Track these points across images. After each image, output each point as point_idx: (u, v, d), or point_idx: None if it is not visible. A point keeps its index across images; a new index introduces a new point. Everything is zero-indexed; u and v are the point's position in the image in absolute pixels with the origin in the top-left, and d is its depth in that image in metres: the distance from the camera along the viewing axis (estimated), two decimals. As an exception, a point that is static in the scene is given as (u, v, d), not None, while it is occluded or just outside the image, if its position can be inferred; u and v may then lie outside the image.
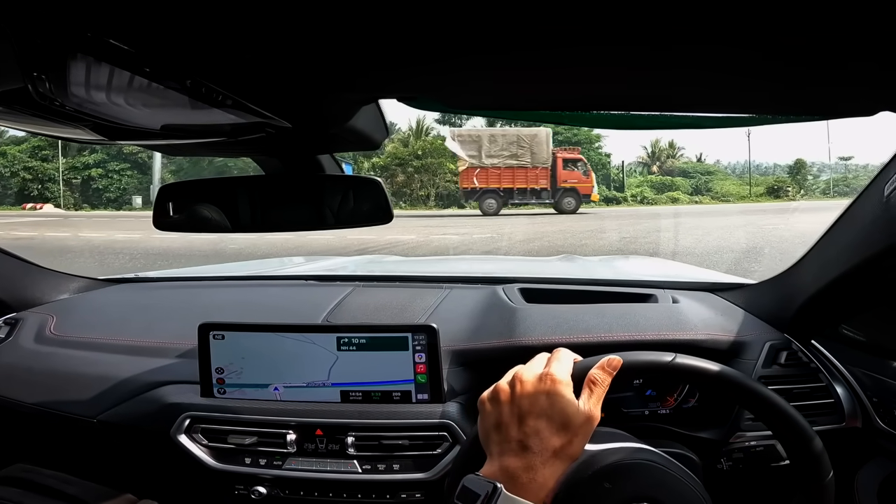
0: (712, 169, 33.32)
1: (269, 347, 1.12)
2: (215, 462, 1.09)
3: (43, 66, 0.43)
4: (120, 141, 0.67)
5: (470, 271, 1.73)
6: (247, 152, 0.92)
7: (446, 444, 1.05)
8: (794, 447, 0.76)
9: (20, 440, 1.35)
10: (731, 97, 0.63)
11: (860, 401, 1.08)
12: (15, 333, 1.40)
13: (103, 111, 0.52)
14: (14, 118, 0.56)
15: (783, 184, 29.81)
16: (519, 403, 0.68)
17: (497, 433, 0.68)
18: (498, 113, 0.72)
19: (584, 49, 0.48)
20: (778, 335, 1.17)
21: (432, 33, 0.44)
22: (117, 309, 1.50)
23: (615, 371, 0.73)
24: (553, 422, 0.66)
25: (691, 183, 30.22)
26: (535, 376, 0.70)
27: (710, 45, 0.46)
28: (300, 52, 0.49)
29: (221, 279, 1.81)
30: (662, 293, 1.37)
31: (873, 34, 0.42)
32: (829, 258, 1.03)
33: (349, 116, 0.71)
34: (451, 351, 1.17)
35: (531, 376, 0.70)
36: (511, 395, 0.69)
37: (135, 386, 1.19)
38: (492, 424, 0.69)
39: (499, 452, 0.67)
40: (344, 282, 1.60)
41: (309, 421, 1.09)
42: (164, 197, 0.92)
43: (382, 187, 0.90)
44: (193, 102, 0.55)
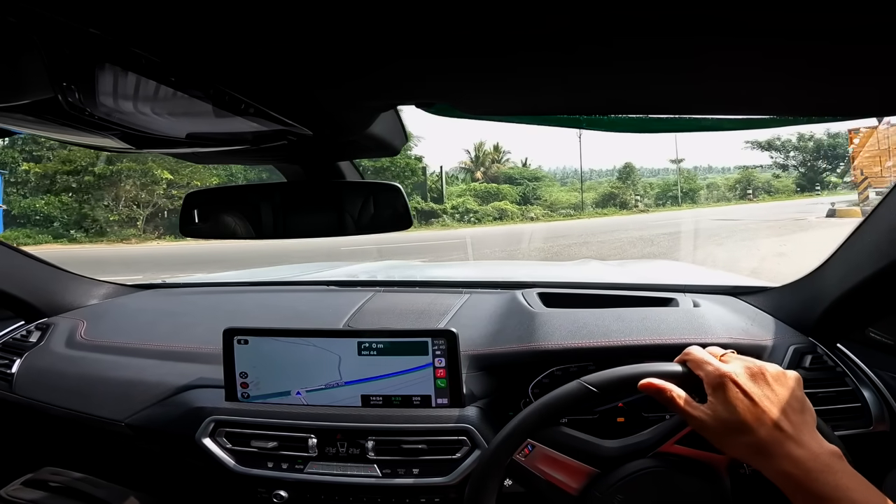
0: (539, 174, 31.62)
1: (291, 352, 1.13)
2: (238, 465, 1.10)
3: (72, 76, 0.44)
4: (146, 149, 0.69)
5: (489, 276, 1.73)
6: (269, 159, 0.94)
7: (466, 449, 1.05)
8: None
9: (49, 443, 1.38)
10: (754, 99, 0.62)
11: (888, 405, 1.06)
12: (46, 338, 1.44)
13: (131, 120, 0.54)
14: (44, 127, 0.58)
15: (618, 190, 28.69)
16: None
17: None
18: (515, 118, 0.73)
19: (601, 53, 0.48)
20: (802, 339, 1.15)
21: (451, 40, 0.45)
22: (146, 314, 1.53)
23: None
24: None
25: (518, 190, 27.84)
26: None
27: (730, 48, 0.46)
28: (321, 61, 0.50)
29: (245, 285, 1.83)
30: (683, 297, 1.36)
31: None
32: (855, 260, 1.02)
33: (368, 123, 0.72)
34: (471, 355, 1.17)
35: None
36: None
37: (162, 390, 1.22)
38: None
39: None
40: (364, 287, 1.61)
41: (330, 425, 1.10)
42: (191, 204, 0.94)
43: (402, 193, 0.91)
44: (217, 111, 0.56)
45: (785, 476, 0.66)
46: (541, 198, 27.77)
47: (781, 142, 34.76)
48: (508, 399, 1.15)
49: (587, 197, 29.06)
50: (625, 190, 28.89)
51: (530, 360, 1.15)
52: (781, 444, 0.67)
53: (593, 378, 0.79)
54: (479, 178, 29.30)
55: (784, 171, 35.42)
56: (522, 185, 28.48)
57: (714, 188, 33.36)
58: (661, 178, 35.15)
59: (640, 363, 0.81)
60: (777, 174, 35.24)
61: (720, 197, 32.38)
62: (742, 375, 0.72)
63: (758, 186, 32.29)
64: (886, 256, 0.91)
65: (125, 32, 0.42)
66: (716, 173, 43.35)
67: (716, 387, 0.72)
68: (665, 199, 30.28)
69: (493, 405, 1.12)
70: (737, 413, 0.69)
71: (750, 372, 0.73)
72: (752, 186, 32.24)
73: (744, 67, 0.50)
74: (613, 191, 28.51)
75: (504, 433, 0.80)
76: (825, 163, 34.50)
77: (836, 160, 34.06)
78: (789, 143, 34.70)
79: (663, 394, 0.75)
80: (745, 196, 31.59)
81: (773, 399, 0.70)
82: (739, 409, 0.70)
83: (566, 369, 1.14)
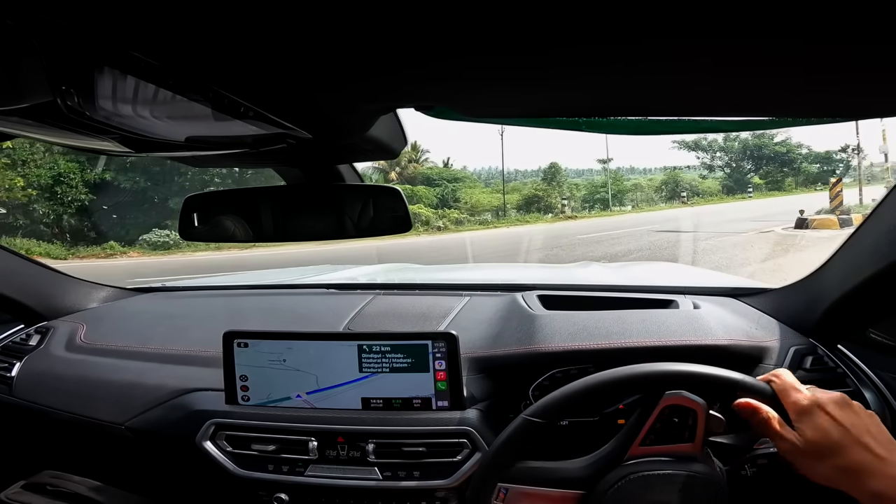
0: (460, 175, 28.77)
1: (291, 355, 1.13)
2: (239, 469, 1.10)
3: (71, 79, 0.44)
4: (146, 153, 0.69)
5: (489, 279, 1.73)
6: (268, 163, 0.94)
7: (466, 451, 1.05)
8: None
9: (49, 446, 1.38)
10: (753, 100, 0.62)
11: (889, 405, 1.05)
12: (46, 341, 1.44)
13: (130, 123, 0.54)
14: (44, 131, 0.58)
15: (543, 192, 25.78)
16: None
17: None
18: (515, 121, 0.73)
19: (600, 55, 0.48)
20: (803, 340, 1.15)
21: (450, 43, 0.45)
22: (145, 317, 1.53)
23: None
24: None
25: (436, 192, 25.39)
26: None
27: (729, 50, 0.46)
28: (320, 65, 0.50)
29: (245, 288, 1.83)
30: (683, 299, 1.36)
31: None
32: (855, 261, 1.02)
33: (368, 127, 0.72)
34: (471, 358, 1.17)
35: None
36: None
37: (162, 393, 1.22)
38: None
39: None
40: (364, 290, 1.61)
41: (330, 428, 1.10)
42: (190, 207, 0.94)
43: (402, 196, 0.91)
44: (216, 114, 0.56)
45: (878, 496, 0.70)
46: (460, 200, 25.33)
47: (708, 142, 34.36)
48: (509, 401, 1.14)
49: (510, 199, 26.65)
50: (550, 192, 26.28)
51: (531, 363, 1.15)
52: (873, 465, 0.72)
53: (534, 409, 0.82)
54: (393, 178, 25.88)
55: (710, 172, 34.89)
56: (441, 186, 26.11)
57: (639, 189, 31.10)
58: (587, 178, 32.91)
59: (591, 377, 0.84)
60: (703, 175, 34.54)
61: (646, 198, 30.48)
62: (830, 404, 0.77)
63: (686, 188, 30.88)
64: (886, 257, 0.91)
65: (124, 36, 0.42)
66: (638, 174, 41.70)
67: (806, 412, 0.77)
68: (593, 202, 28.12)
69: (494, 408, 1.12)
70: (829, 437, 0.74)
71: (836, 401, 0.77)
72: (679, 188, 30.75)
73: (743, 69, 0.50)
74: (538, 193, 25.73)
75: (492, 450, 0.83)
76: (751, 164, 34.00)
77: (762, 161, 33.51)
78: (716, 144, 34.38)
79: (758, 415, 0.79)
80: (673, 197, 30.17)
81: (861, 425, 0.75)
82: (832, 434, 0.74)
83: (566, 371, 1.14)
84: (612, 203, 27.68)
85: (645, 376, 0.81)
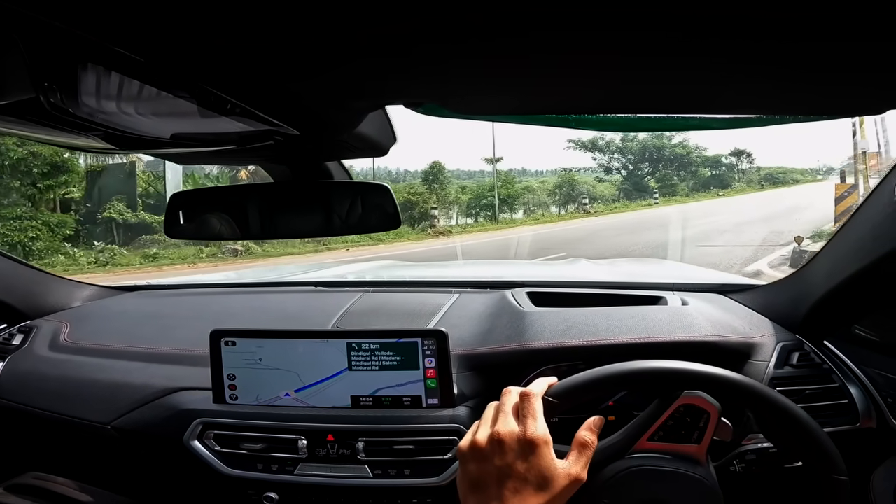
0: None
1: (279, 354, 1.12)
2: (228, 468, 1.09)
3: (54, 76, 0.43)
4: (130, 150, 0.68)
5: (478, 276, 1.73)
6: (255, 160, 0.93)
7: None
8: (804, 447, 0.76)
9: (33, 447, 1.36)
10: (740, 98, 0.63)
11: (874, 401, 1.07)
12: (29, 341, 1.42)
13: (114, 120, 0.53)
14: (26, 128, 0.57)
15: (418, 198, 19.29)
16: (498, 465, 0.68)
17: (477, 492, 0.68)
18: (504, 118, 0.72)
19: (589, 53, 0.48)
20: (790, 336, 1.16)
21: (437, 39, 0.45)
22: (130, 316, 1.52)
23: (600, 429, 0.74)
24: (532, 485, 0.67)
25: None
26: (514, 437, 0.69)
27: (718, 47, 0.46)
28: (306, 60, 0.50)
29: (232, 286, 1.82)
30: (671, 295, 1.36)
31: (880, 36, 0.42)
32: (840, 258, 1.03)
33: (356, 123, 0.72)
34: (461, 355, 1.17)
35: (509, 436, 0.69)
36: (491, 455, 0.69)
37: (149, 392, 1.20)
38: (472, 481, 0.69)
39: None
40: (353, 288, 1.61)
41: (320, 426, 1.09)
42: (175, 205, 0.93)
43: (391, 193, 0.90)
44: (202, 111, 0.55)
45: None
46: None
47: (605, 141, 32.56)
48: (499, 399, 1.14)
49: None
50: (427, 198, 20.15)
51: (520, 360, 1.15)
52: None
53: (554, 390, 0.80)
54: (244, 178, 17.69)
55: (608, 175, 32.94)
56: None
57: (531, 192, 25.96)
58: (477, 180, 27.81)
59: None
60: (600, 178, 32.04)
61: (539, 202, 25.90)
62: None
63: (582, 192, 26.71)
64: (871, 254, 0.92)
65: (107, 31, 0.41)
66: (531, 176, 37.25)
67: None
68: (479, 209, 22.83)
69: (484, 405, 1.12)
70: None
71: None
72: (575, 191, 26.65)
73: (732, 67, 0.51)
74: (412, 198, 19.22)
75: None
76: (649, 166, 32.74)
77: (660, 163, 32.26)
78: (613, 144, 32.71)
79: None
80: (568, 202, 26.14)
81: None
82: None
83: (556, 368, 1.14)
84: (499, 211, 22.96)
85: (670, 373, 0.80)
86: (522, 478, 0.67)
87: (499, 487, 0.66)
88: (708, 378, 0.79)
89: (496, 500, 0.66)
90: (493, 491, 0.67)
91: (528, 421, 0.71)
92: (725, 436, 0.80)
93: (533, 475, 0.67)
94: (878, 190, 0.91)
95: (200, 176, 17.08)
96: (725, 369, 0.80)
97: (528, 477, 0.67)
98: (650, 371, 0.81)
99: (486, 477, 0.68)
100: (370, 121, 0.73)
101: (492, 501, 0.66)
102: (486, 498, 0.67)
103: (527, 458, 0.67)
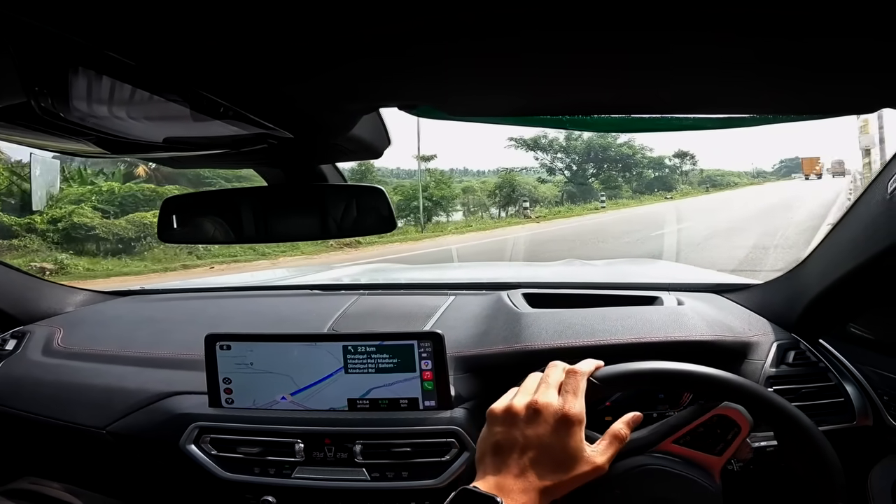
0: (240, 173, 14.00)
1: (275, 357, 1.12)
2: (225, 472, 1.09)
3: (44, 80, 0.43)
4: (122, 154, 0.68)
5: (474, 278, 1.73)
6: (249, 163, 0.92)
7: (454, 451, 1.04)
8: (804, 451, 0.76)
9: (28, 452, 1.36)
10: (733, 98, 0.63)
11: (870, 399, 1.07)
12: (22, 346, 1.41)
13: (106, 125, 0.53)
14: (17, 133, 0.56)
15: None
16: (527, 433, 0.68)
17: (496, 454, 0.68)
18: (499, 119, 0.72)
19: (583, 53, 0.48)
20: (785, 335, 1.17)
21: (431, 41, 0.45)
22: (124, 321, 1.51)
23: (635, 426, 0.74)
24: (554, 461, 0.66)
25: None
26: (552, 409, 0.69)
27: (710, 47, 0.46)
28: (300, 63, 0.49)
29: (226, 290, 1.81)
30: (667, 295, 1.37)
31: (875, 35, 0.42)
32: (835, 257, 1.03)
33: (350, 126, 0.72)
34: (457, 357, 1.17)
35: (547, 407, 0.69)
36: (523, 422, 0.69)
37: (144, 397, 1.20)
38: (495, 444, 0.69)
39: (495, 470, 0.67)
40: (348, 290, 1.60)
41: (317, 429, 1.09)
42: (168, 209, 0.93)
43: (385, 196, 0.90)
44: (195, 115, 0.55)
45: None
46: None
47: (549, 140, 30.24)
48: (496, 400, 1.14)
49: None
50: None
51: (517, 361, 1.15)
52: None
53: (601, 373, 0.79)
54: (141, 174, 17.18)
55: (551, 175, 30.76)
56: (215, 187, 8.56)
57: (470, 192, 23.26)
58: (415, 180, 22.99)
59: None
60: (542, 178, 29.57)
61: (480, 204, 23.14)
62: None
63: (523, 194, 24.03)
64: (865, 252, 0.93)
65: (98, 35, 0.41)
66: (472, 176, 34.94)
67: None
68: (407, 212, 19.43)
69: (481, 407, 1.12)
70: None
71: None
72: (517, 194, 23.84)
73: (728, 66, 0.51)
74: None
75: None
76: (594, 166, 31.58)
77: (605, 163, 30.90)
78: (556, 143, 30.47)
79: None
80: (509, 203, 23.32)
81: None
82: None
83: None
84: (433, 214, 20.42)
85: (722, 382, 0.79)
86: (548, 451, 0.66)
87: (521, 455, 0.66)
88: (760, 399, 0.78)
89: (515, 466, 0.66)
90: (514, 457, 0.66)
91: (569, 397, 0.70)
92: (743, 454, 0.79)
93: (559, 451, 0.67)
94: (872, 187, 0.92)
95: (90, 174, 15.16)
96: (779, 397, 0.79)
97: (553, 452, 0.66)
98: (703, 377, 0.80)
99: (511, 442, 0.68)
100: (364, 123, 0.73)
101: (510, 466, 0.66)
102: (504, 462, 0.67)
103: (559, 433, 0.67)
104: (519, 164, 38.87)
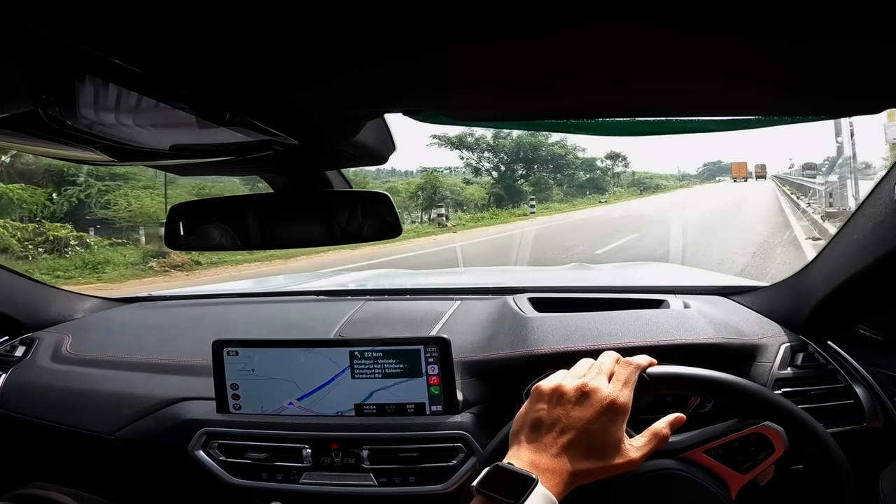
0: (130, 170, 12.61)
1: (282, 363, 1.12)
2: (233, 478, 1.09)
3: (51, 88, 0.43)
4: (129, 162, 0.68)
5: (479, 282, 1.73)
6: (255, 170, 0.93)
7: (462, 456, 1.04)
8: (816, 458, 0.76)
9: (36, 458, 1.36)
10: (739, 100, 0.62)
11: (881, 400, 1.06)
12: (32, 353, 1.42)
13: (113, 132, 0.53)
14: (24, 141, 0.57)
15: None
16: (571, 414, 0.67)
17: (535, 430, 0.67)
18: (503, 124, 0.72)
19: (587, 56, 0.48)
20: (793, 337, 1.16)
21: (436, 46, 0.45)
22: (132, 327, 1.52)
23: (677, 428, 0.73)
24: (591, 447, 0.66)
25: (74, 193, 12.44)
26: (600, 396, 0.68)
27: (716, 48, 0.46)
28: (305, 69, 0.50)
29: (233, 296, 1.82)
30: (674, 298, 1.36)
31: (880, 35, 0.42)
32: (841, 258, 1.02)
33: (355, 132, 0.72)
34: (464, 362, 1.17)
35: (595, 393, 0.68)
36: (570, 403, 0.68)
37: (152, 402, 1.20)
38: (534, 421, 0.68)
39: (531, 446, 0.66)
40: (354, 296, 1.61)
41: (324, 435, 1.09)
42: (175, 216, 0.93)
43: (391, 201, 0.90)
44: (201, 122, 0.55)
45: None
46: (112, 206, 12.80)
47: (475, 138, 27.46)
48: (503, 405, 1.14)
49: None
50: None
51: (523, 366, 1.15)
52: None
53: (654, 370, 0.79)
54: None
55: (477, 176, 27.96)
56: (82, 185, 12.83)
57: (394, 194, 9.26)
58: None
59: None
60: (468, 180, 27.11)
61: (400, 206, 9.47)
62: None
63: (445, 197, 22.01)
64: (872, 253, 0.92)
65: (105, 42, 0.41)
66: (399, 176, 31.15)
67: None
68: None
69: (488, 411, 1.12)
70: None
71: None
72: (438, 196, 21.70)
73: (732, 68, 0.51)
74: None
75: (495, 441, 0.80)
76: (524, 167, 29.08)
77: (535, 164, 29.04)
78: (484, 142, 27.77)
79: None
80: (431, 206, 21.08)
81: None
82: None
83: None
84: None
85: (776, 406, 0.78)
86: (588, 436, 0.66)
87: (560, 435, 0.66)
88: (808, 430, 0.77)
89: (553, 445, 0.65)
90: (553, 436, 0.66)
91: (620, 386, 0.70)
92: (763, 478, 0.79)
93: (599, 438, 0.66)
94: (879, 188, 0.91)
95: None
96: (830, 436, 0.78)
97: (593, 437, 0.66)
98: (758, 395, 0.79)
99: (553, 420, 0.67)
100: (369, 129, 0.73)
101: (547, 445, 0.65)
102: (539, 440, 0.66)
103: (603, 419, 0.67)
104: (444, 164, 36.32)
